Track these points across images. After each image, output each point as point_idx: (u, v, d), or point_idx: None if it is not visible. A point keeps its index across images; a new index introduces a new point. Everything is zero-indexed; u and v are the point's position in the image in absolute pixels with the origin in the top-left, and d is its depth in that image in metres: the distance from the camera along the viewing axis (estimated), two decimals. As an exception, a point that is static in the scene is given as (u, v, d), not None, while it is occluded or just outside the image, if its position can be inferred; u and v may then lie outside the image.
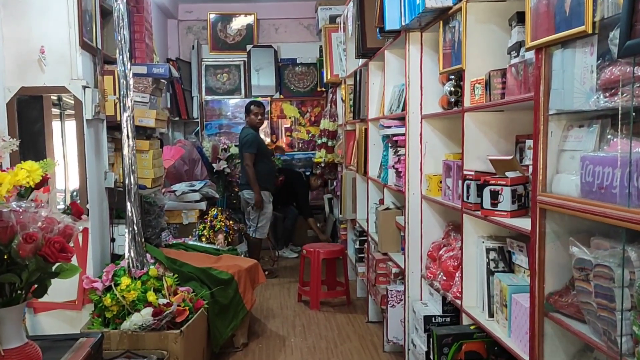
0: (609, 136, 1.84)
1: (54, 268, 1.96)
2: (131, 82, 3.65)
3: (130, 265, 3.60)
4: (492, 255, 2.77)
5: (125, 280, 3.51)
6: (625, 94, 1.66)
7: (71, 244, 1.96)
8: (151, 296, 3.49)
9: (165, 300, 3.53)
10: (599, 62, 1.78)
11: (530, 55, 2.30)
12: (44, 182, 2.11)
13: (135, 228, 3.63)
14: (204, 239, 5.95)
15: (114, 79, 3.92)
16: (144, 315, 3.39)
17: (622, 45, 1.58)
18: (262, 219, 6.56)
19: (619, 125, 1.71)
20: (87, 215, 3.57)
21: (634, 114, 1.63)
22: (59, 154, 3.69)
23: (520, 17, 2.50)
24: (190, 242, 5.32)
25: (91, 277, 3.60)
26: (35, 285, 1.96)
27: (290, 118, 8.66)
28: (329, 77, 6.86)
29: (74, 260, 3.44)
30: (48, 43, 3.51)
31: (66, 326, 3.61)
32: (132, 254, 3.61)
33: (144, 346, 3.37)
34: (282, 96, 8.50)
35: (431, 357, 3.08)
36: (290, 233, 7.96)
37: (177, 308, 3.50)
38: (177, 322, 3.49)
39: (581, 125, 1.99)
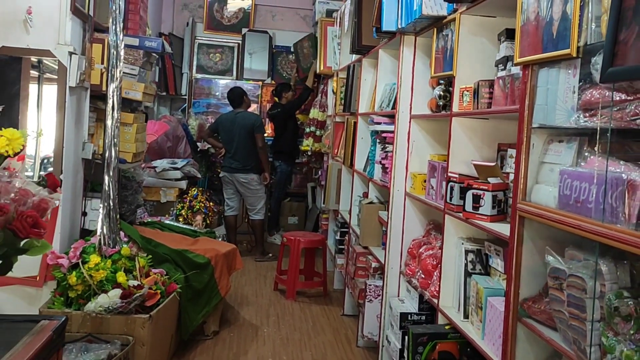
0: (586, 153, 1.91)
1: (22, 244, 1.80)
2: (122, 53, 3.55)
3: (102, 242, 3.42)
4: (470, 257, 2.85)
5: (94, 258, 3.31)
6: (603, 116, 1.74)
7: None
8: (121, 277, 3.29)
9: (136, 282, 3.34)
10: (581, 83, 1.87)
11: (516, 70, 2.38)
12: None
13: (111, 203, 3.47)
14: (181, 219, 5.82)
15: (103, 48, 3.81)
16: (112, 297, 3.19)
17: (604, 71, 1.65)
18: (260, 200, 6.78)
19: (597, 144, 1.80)
20: (60, 186, 3.23)
21: (609, 135, 1.72)
22: (34, 119, 3.53)
23: (509, 34, 2.59)
24: (167, 222, 5.12)
25: (57, 252, 3.38)
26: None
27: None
28: (321, 68, 6.92)
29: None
30: (36, 4, 3.41)
31: (23, 304, 3.40)
32: (105, 231, 3.43)
33: (107, 330, 3.17)
34: (273, 82, 8.49)
35: (405, 355, 3.13)
36: (277, 216, 7.89)
37: (148, 291, 3.31)
38: (147, 305, 3.30)
39: (561, 140, 2.07)
